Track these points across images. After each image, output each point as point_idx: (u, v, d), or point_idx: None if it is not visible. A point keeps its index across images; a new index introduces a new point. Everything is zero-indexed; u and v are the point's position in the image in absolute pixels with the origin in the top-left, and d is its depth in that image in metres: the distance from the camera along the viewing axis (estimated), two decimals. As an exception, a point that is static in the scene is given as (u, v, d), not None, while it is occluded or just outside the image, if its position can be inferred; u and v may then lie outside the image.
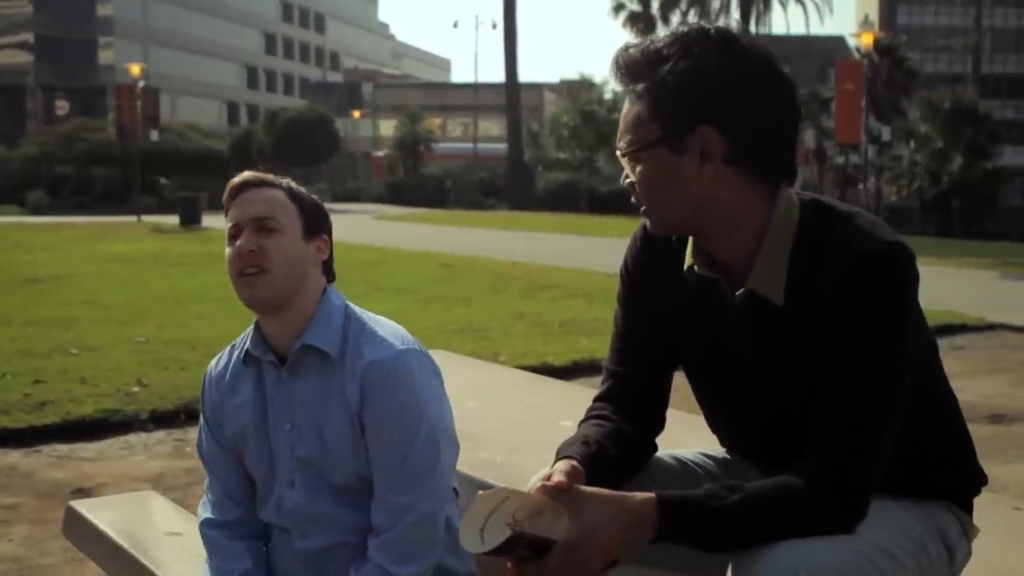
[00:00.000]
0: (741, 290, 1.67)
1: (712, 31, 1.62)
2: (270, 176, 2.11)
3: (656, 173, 1.65)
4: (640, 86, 1.64)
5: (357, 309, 2.13)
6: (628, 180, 1.70)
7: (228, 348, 2.23)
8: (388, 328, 2.08)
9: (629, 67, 1.66)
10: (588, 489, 1.53)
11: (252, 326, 2.15)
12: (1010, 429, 6.54)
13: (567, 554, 1.48)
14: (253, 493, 2.19)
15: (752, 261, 1.66)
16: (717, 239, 1.68)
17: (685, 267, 1.73)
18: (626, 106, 1.68)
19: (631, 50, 1.66)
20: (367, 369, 2.00)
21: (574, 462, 1.65)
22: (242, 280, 2.02)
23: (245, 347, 2.15)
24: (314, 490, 2.08)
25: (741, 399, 1.76)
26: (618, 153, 1.69)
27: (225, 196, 2.09)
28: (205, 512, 2.22)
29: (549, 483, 1.54)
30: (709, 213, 1.65)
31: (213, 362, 2.24)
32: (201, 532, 2.21)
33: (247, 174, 2.11)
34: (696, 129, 1.61)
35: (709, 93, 1.59)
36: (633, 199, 1.70)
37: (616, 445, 1.76)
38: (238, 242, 2.03)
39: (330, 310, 2.07)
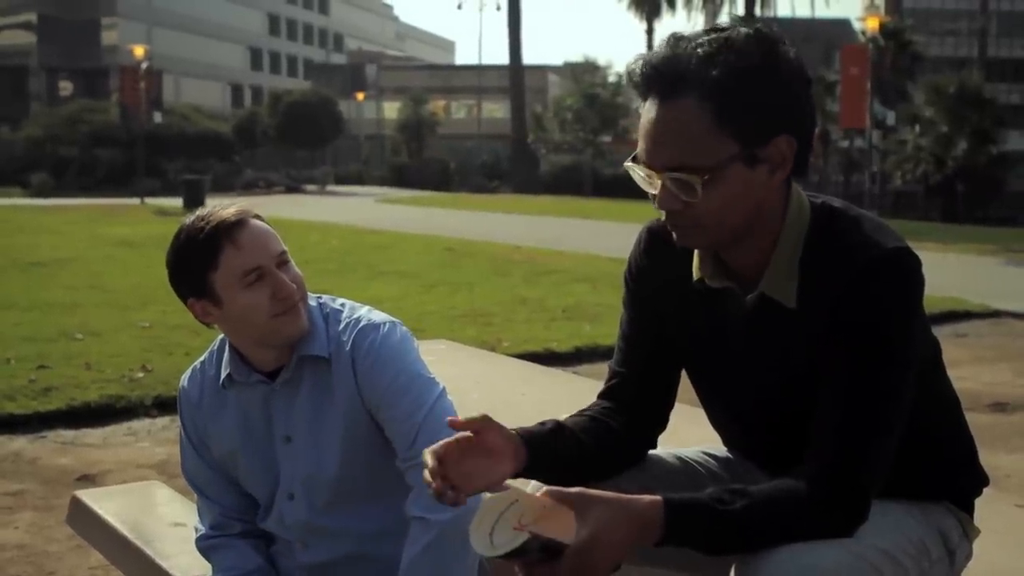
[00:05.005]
0: (752, 294, 1.67)
1: (755, 33, 1.56)
2: (245, 205, 2.01)
3: (730, 192, 1.56)
4: (698, 95, 1.53)
5: (323, 298, 2.11)
6: (674, 204, 1.57)
7: (199, 366, 2.16)
8: (360, 310, 2.08)
9: (676, 74, 1.54)
10: (594, 492, 1.52)
11: (223, 349, 2.09)
12: (1013, 418, 6.54)
13: (578, 557, 1.48)
14: (249, 507, 2.17)
15: (763, 264, 1.65)
16: (741, 246, 1.65)
17: (694, 279, 1.72)
18: (665, 118, 1.55)
19: (686, 50, 1.55)
20: (358, 353, 2.00)
21: (495, 422, 1.62)
22: (282, 319, 1.96)
23: (222, 372, 2.07)
24: (314, 502, 2.07)
25: (744, 402, 1.77)
26: (669, 176, 1.56)
27: (212, 236, 1.94)
28: (203, 530, 2.19)
29: (555, 489, 1.53)
30: (756, 222, 1.62)
31: (185, 380, 2.17)
32: (201, 546, 2.18)
33: (239, 210, 1.97)
34: (773, 139, 1.56)
35: (788, 100, 1.56)
36: (670, 221, 1.61)
37: (592, 433, 1.75)
38: (274, 283, 1.94)
39: (313, 316, 2.04)
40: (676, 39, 1.58)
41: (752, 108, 1.53)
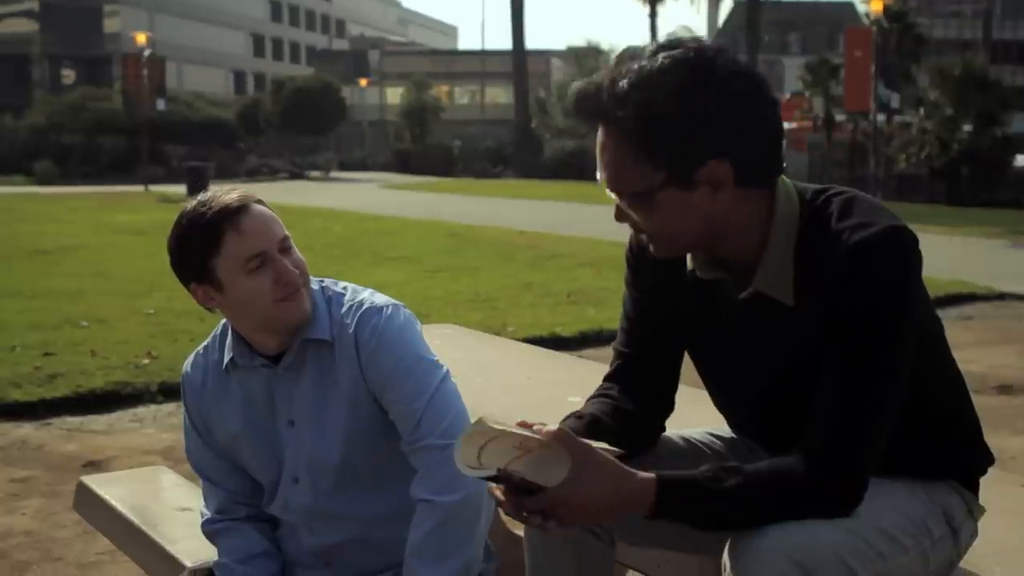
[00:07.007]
0: (747, 291, 1.68)
1: (692, 57, 1.55)
2: (247, 190, 2.00)
3: (667, 214, 1.61)
4: (626, 126, 1.55)
5: (325, 281, 2.10)
6: (626, 220, 1.66)
7: (202, 351, 2.16)
8: (362, 293, 2.07)
9: (605, 104, 1.57)
10: (601, 455, 1.53)
11: (225, 333, 2.08)
12: (1019, 400, 6.53)
13: (551, 501, 1.51)
14: (254, 491, 2.17)
15: (754, 258, 1.66)
16: (724, 247, 1.67)
17: (688, 269, 1.73)
18: (601, 144, 1.60)
19: (606, 84, 1.57)
20: (361, 336, 2.00)
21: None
22: (284, 304, 1.95)
23: (225, 356, 2.08)
24: (319, 485, 2.07)
25: (742, 387, 1.78)
26: (611, 195, 1.64)
27: (214, 222, 1.92)
28: (208, 514, 2.19)
29: (568, 434, 1.53)
30: (720, 230, 1.63)
31: (188, 365, 2.17)
32: (206, 530, 2.19)
33: (241, 195, 1.96)
34: (705, 163, 1.56)
35: (713, 127, 1.54)
36: (637, 231, 1.69)
37: (615, 420, 1.76)
38: (277, 269, 1.93)
39: (315, 299, 2.04)
40: (620, 60, 1.64)
41: (670, 141, 1.55)
